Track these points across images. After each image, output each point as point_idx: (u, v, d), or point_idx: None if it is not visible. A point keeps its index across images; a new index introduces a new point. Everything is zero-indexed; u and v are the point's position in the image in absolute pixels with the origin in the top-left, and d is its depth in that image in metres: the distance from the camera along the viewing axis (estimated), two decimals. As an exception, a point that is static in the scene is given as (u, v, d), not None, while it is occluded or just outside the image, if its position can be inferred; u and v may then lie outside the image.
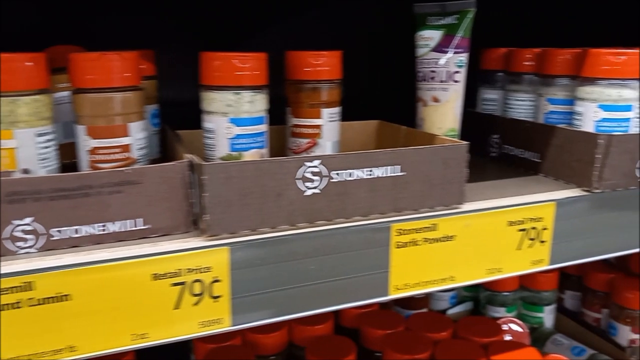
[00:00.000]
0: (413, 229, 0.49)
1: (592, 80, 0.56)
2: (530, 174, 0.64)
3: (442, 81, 0.58)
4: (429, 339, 0.65)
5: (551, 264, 0.56)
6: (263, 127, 0.48)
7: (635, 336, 0.82)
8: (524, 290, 0.88)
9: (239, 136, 0.46)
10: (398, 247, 0.48)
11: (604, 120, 0.56)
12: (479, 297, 0.90)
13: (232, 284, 0.43)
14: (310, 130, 0.54)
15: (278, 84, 0.54)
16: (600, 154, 0.55)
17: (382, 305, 0.79)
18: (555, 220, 0.55)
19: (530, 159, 0.64)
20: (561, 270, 0.94)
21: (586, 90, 0.56)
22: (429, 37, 0.58)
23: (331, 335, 0.68)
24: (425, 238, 0.49)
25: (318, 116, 0.54)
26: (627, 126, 0.56)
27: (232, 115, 0.46)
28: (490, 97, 0.73)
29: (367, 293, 0.48)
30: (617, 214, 0.58)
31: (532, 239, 0.55)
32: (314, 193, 0.44)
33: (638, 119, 0.57)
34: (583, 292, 0.90)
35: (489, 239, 0.52)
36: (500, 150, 0.70)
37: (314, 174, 0.44)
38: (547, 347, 0.82)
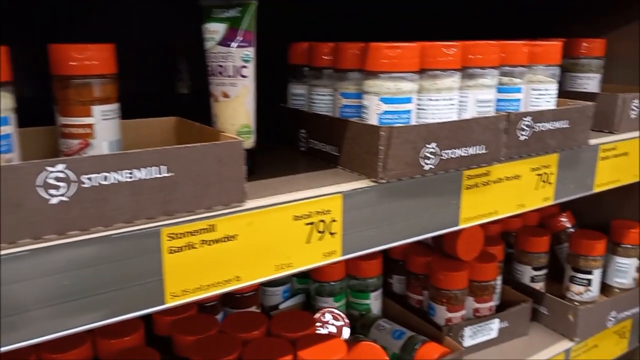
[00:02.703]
0: (187, 232, 0.46)
1: (373, 74, 0.57)
2: (331, 167, 0.64)
3: (230, 76, 0.56)
4: (240, 339, 0.64)
5: (344, 254, 0.57)
6: (7, 129, 0.43)
7: (451, 315, 0.87)
8: (351, 279, 0.90)
9: (-28, 141, 0.41)
10: (171, 253, 0.46)
11: (386, 112, 0.57)
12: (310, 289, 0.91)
13: (-40, 310, 0.37)
14: (80, 130, 0.50)
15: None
16: (383, 145, 0.56)
17: (204, 308, 0.76)
18: (343, 212, 0.56)
19: (331, 153, 0.65)
20: (388, 255, 0.97)
21: (369, 84, 0.58)
22: (215, 30, 0.56)
23: (138, 347, 0.64)
24: (203, 240, 0.47)
25: (89, 114, 0.49)
26: (408, 118, 0.58)
27: (-39, 117, 0.40)
28: (298, 92, 0.73)
29: (139, 304, 0.45)
30: (405, 202, 0.60)
31: (321, 232, 0.55)
32: (61, 201, 0.40)
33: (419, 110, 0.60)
34: (407, 276, 0.94)
35: (275, 235, 0.52)
36: (307, 145, 0.70)
37: (58, 179, 0.40)
38: (372, 332, 0.85)
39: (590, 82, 0.94)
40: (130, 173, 0.43)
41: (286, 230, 0.52)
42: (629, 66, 1.04)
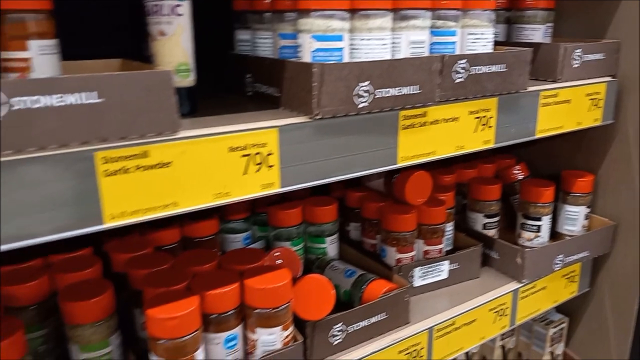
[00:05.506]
0: (122, 157, 0.49)
1: (305, 12, 0.60)
2: (274, 108, 0.67)
3: (165, 15, 0.58)
4: (190, 272, 0.68)
5: (282, 186, 0.61)
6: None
7: (400, 255, 0.91)
8: (308, 225, 0.94)
9: None
10: (107, 176, 0.49)
11: (318, 50, 0.60)
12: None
13: None
14: (18, 64, 0.52)
15: None
16: (316, 81, 0.59)
17: (163, 250, 0.80)
18: (280, 145, 0.59)
19: (274, 95, 0.68)
20: (345, 204, 1.01)
21: (302, 23, 0.60)
22: (151, -29, 0.58)
23: (94, 279, 0.68)
24: (138, 165, 0.50)
25: (25, 48, 0.52)
26: (340, 55, 0.61)
27: None
28: (243, 38, 0.75)
29: (77, 224, 0.48)
30: (342, 139, 0.63)
31: (258, 164, 0.58)
32: (-7, 121, 0.43)
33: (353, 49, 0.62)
34: (362, 223, 0.98)
35: (210, 165, 0.55)
36: (253, 89, 0.73)
37: (-11, 101, 0.42)
38: (326, 272, 0.89)
39: (536, 34, 0.97)
40: (61, 97, 0.45)
41: (221, 161, 0.55)
42: (580, 20, 1.07)
